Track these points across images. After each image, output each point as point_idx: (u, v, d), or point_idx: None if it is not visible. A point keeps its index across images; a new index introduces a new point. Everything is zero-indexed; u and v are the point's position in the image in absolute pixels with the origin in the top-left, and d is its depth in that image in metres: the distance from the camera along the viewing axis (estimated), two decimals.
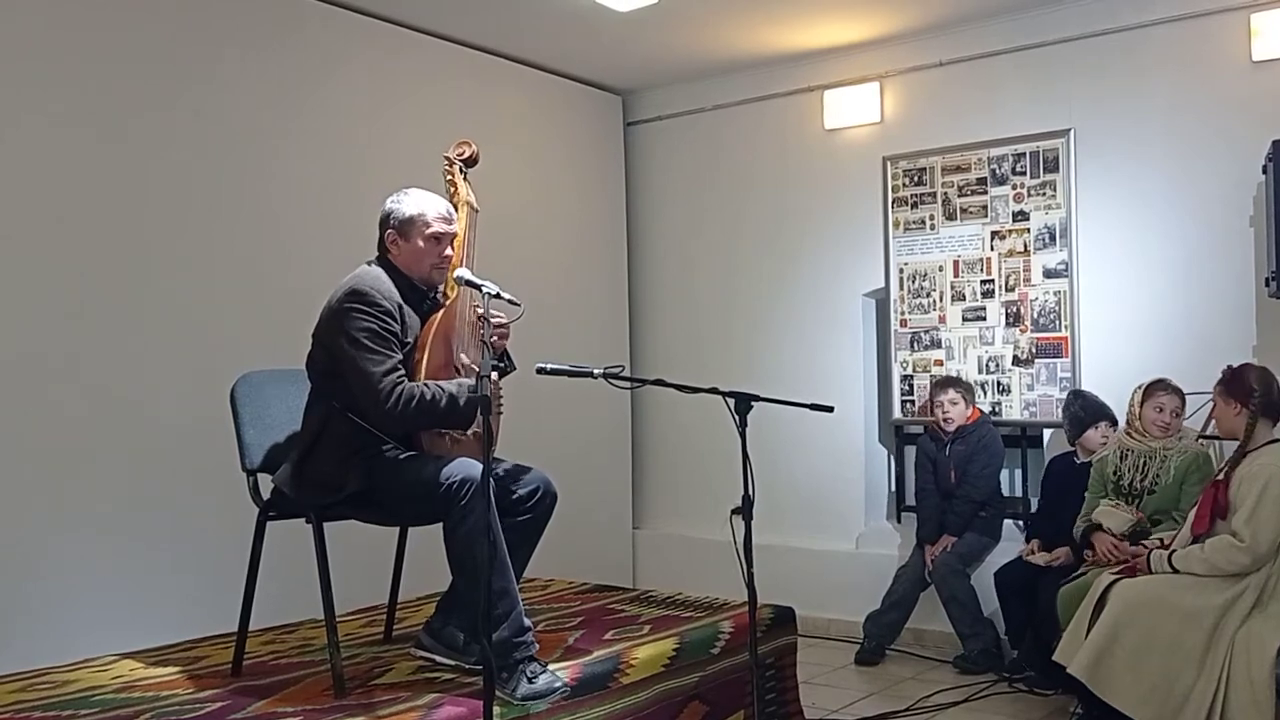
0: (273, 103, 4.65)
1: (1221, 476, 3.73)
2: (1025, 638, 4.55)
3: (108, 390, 4.05)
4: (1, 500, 3.76)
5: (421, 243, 3.12)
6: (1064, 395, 5.01)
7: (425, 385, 2.98)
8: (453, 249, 3.18)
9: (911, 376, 5.49)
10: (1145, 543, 4.04)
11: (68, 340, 3.96)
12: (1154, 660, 3.53)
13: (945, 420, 5.10)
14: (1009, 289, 5.22)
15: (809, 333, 5.89)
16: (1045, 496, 4.91)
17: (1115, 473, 4.34)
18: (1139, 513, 4.18)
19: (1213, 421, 3.95)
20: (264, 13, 4.65)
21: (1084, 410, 4.73)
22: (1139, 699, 3.52)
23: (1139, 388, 4.37)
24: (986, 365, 5.28)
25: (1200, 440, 4.30)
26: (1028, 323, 5.16)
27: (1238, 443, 3.74)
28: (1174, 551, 3.73)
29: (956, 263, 5.36)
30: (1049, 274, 5.11)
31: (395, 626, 3.73)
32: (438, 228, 3.13)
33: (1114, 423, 4.65)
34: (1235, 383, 3.80)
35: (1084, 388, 4.93)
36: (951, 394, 5.11)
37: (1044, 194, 5.12)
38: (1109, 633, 3.60)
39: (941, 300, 5.40)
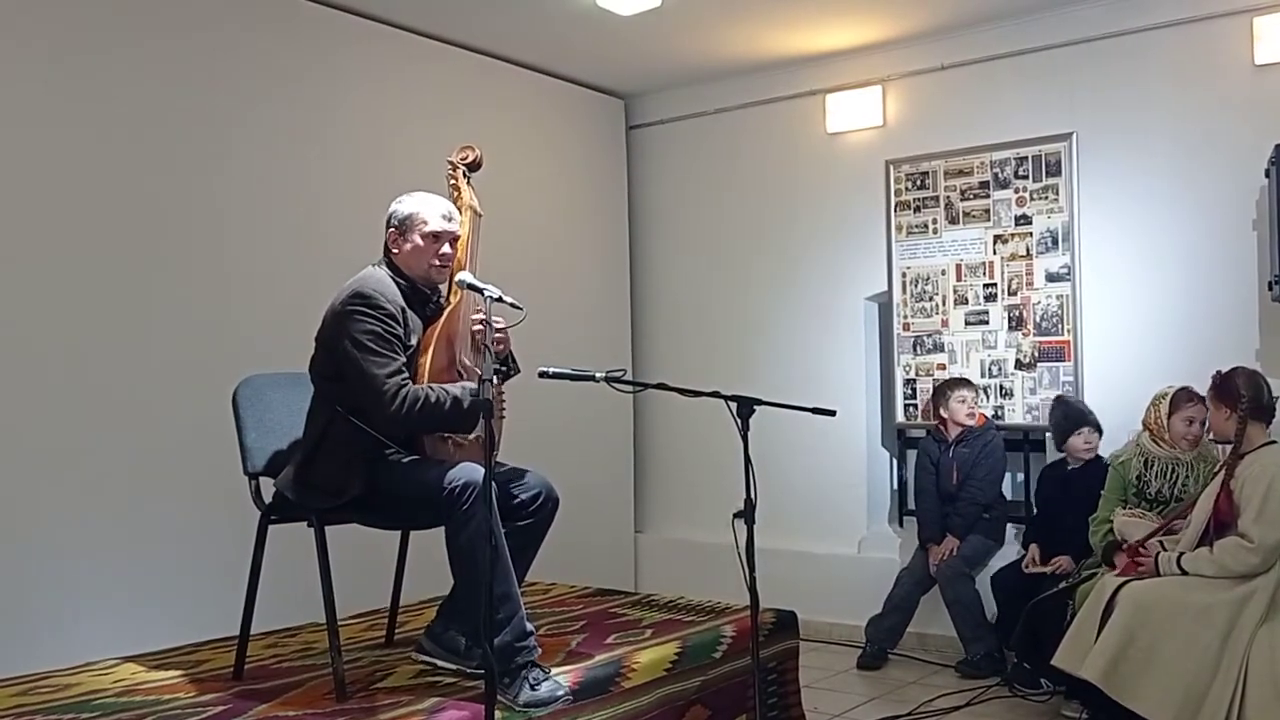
0: (276, 107, 4.65)
1: (1220, 485, 3.74)
2: (1016, 633, 4.50)
3: (111, 393, 4.05)
4: (3, 503, 3.75)
5: (420, 240, 3.13)
6: None
7: (430, 388, 2.98)
8: (453, 249, 3.18)
9: (914, 380, 5.49)
10: (1149, 545, 4.02)
11: (70, 342, 3.96)
12: (1170, 661, 3.52)
13: (967, 416, 5.07)
14: (1011, 293, 5.21)
15: (811, 336, 5.89)
16: (1040, 505, 4.92)
17: (1140, 479, 4.27)
18: (1161, 519, 4.10)
19: None
20: (267, 17, 4.65)
21: (1065, 418, 4.75)
22: (1158, 701, 3.50)
23: (1163, 397, 4.26)
24: (989, 369, 5.27)
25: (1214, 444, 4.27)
26: (1030, 326, 5.16)
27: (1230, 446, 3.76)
28: (1183, 554, 3.72)
29: (959, 266, 5.35)
30: (1051, 278, 5.10)
31: (397, 630, 3.73)
32: (436, 225, 3.14)
33: (1097, 428, 4.68)
34: (1224, 387, 3.87)
35: (1085, 392, 4.95)
36: (969, 394, 5.11)
37: (1046, 198, 5.11)
38: (1122, 636, 3.59)
39: (944, 304, 5.40)
